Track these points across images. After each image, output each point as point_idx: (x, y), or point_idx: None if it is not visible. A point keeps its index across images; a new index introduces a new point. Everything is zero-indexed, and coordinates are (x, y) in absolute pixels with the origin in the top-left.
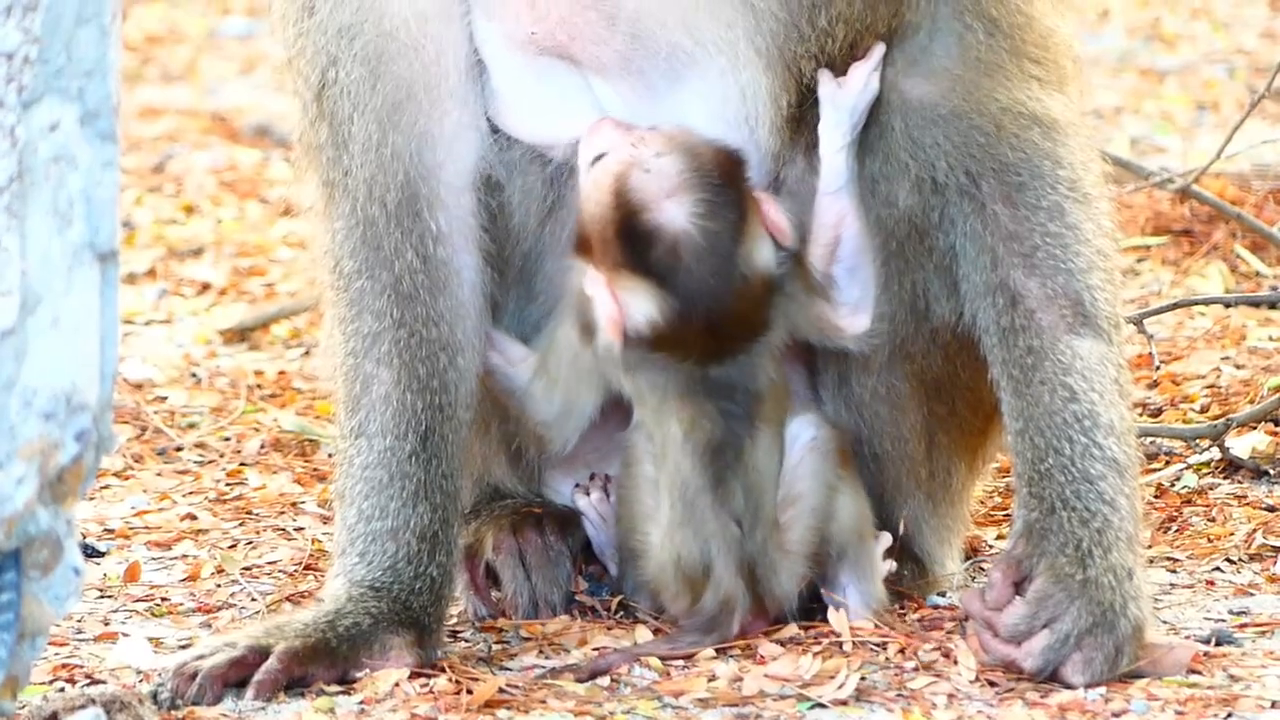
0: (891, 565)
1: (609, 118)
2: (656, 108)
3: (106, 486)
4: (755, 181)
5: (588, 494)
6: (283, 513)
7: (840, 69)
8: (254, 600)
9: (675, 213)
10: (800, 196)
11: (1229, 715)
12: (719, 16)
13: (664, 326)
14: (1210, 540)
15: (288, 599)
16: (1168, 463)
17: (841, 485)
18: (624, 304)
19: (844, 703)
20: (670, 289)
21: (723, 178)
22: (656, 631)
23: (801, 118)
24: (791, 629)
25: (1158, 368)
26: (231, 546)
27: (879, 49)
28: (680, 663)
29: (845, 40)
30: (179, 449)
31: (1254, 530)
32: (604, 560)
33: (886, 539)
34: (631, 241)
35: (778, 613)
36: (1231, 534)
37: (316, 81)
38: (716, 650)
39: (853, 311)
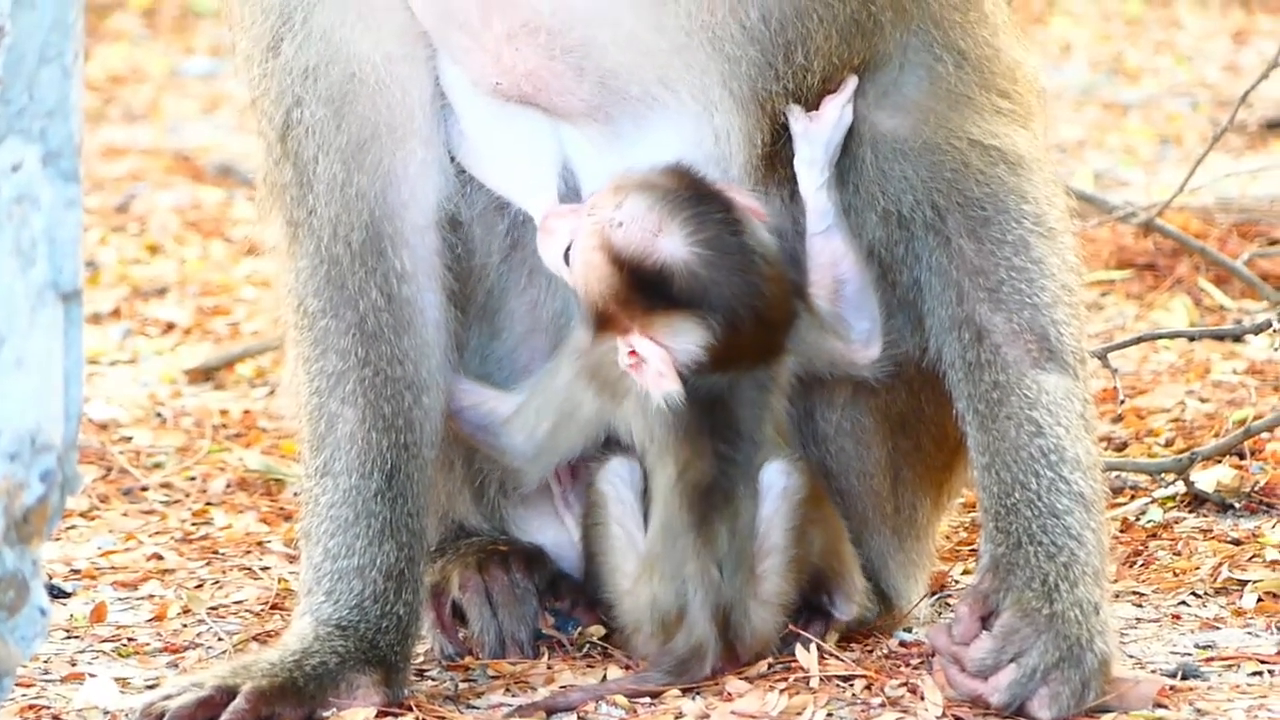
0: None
1: (548, 211)
2: (626, 152)
3: (72, 527)
4: (712, 176)
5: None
6: (249, 552)
7: (812, 104)
8: (221, 640)
9: (672, 244)
10: (782, 232)
11: None
12: (692, 63)
13: (718, 343)
14: (1176, 574)
15: (254, 638)
16: (1133, 497)
17: (814, 524)
18: (671, 344)
19: None
20: (708, 308)
21: (688, 190)
22: (626, 669)
23: (776, 154)
24: (761, 664)
25: (1122, 402)
26: (198, 586)
27: (851, 81)
28: (647, 700)
29: (820, 75)
30: (144, 489)
31: (1220, 564)
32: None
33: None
34: (648, 290)
35: (749, 660)
36: (1197, 568)
37: (281, 122)
38: (683, 687)
39: (865, 344)
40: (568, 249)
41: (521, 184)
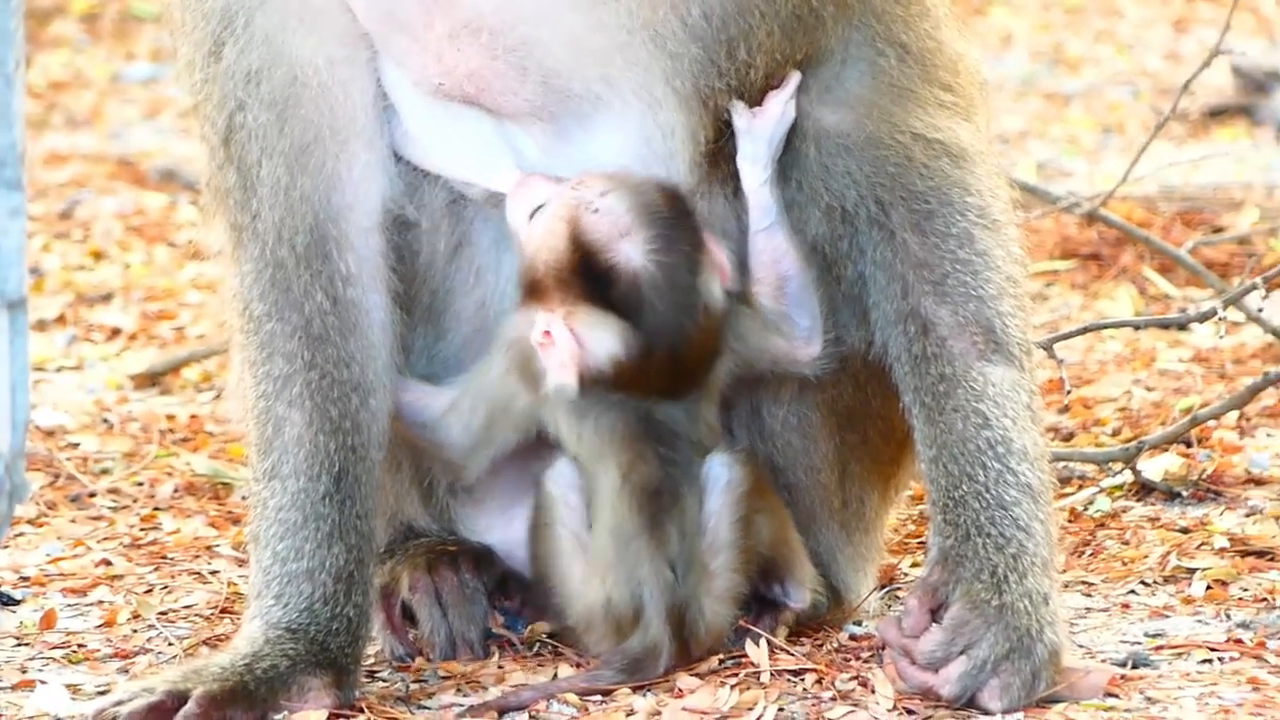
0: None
1: (535, 173)
2: (572, 150)
3: (21, 534)
4: (699, 215)
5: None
6: (198, 556)
7: (755, 100)
8: (171, 645)
9: (632, 251)
10: (726, 231)
11: None
12: (634, 61)
13: (626, 363)
14: (1125, 563)
15: (205, 643)
16: (1081, 487)
17: (757, 513)
18: (585, 341)
19: None
20: (634, 324)
21: (672, 211)
22: (577, 667)
23: (720, 151)
24: (711, 660)
25: (1069, 392)
26: (147, 591)
27: (795, 77)
28: (598, 698)
29: (763, 72)
30: (92, 495)
31: (1168, 552)
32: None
33: None
34: (591, 279)
35: (702, 655)
36: (1146, 556)
37: (224, 126)
38: (634, 685)
39: (806, 341)
40: (536, 210)
41: (477, 174)
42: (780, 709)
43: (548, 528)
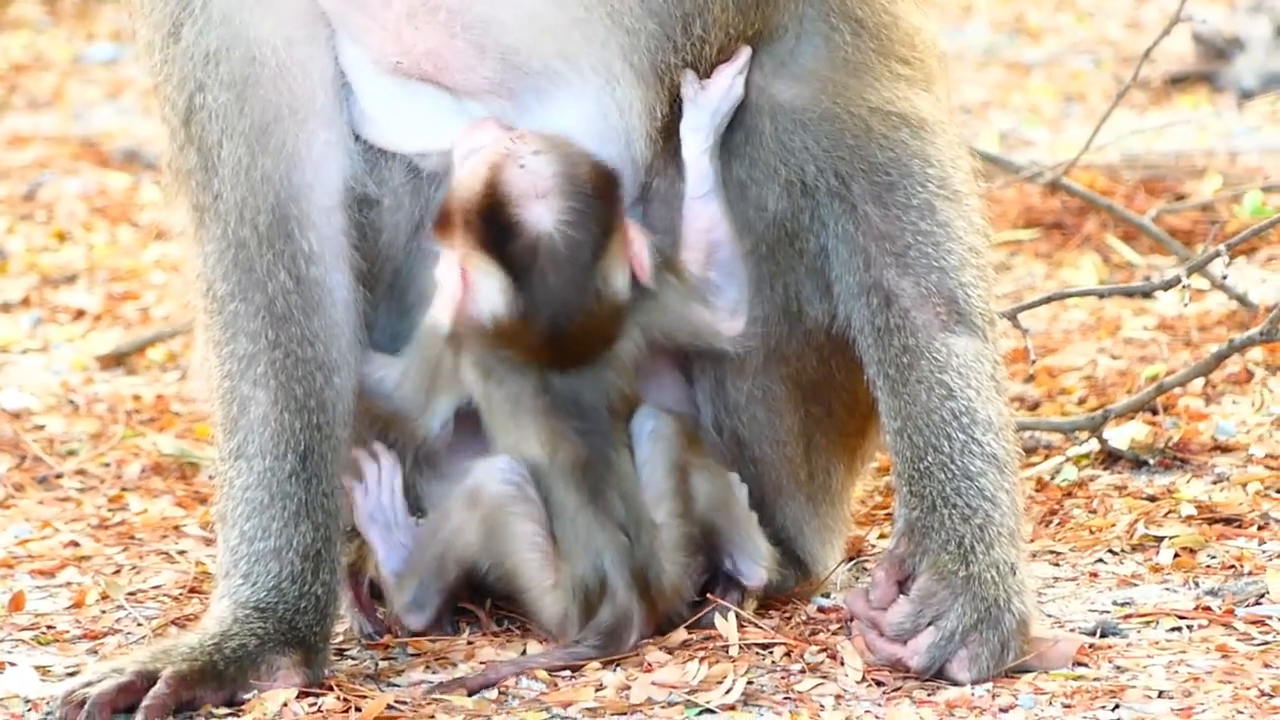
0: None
1: (492, 118)
2: (530, 125)
3: None
4: (627, 204)
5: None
6: (165, 536)
7: (709, 75)
8: (140, 625)
9: (542, 213)
10: (673, 204)
11: (1116, 706)
12: (591, 37)
13: (506, 322)
14: (1092, 532)
15: (173, 623)
16: (1047, 456)
17: (693, 466)
18: (472, 288)
19: (732, 707)
20: (521, 286)
21: (595, 190)
22: (543, 643)
23: (674, 126)
24: (680, 634)
25: (1033, 361)
26: (115, 572)
27: (745, 52)
28: (567, 673)
29: (716, 46)
30: (59, 476)
31: (1135, 520)
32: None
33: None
34: (493, 228)
35: (671, 612)
36: (1113, 525)
37: (184, 107)
38: (603, 660)
39: (729, 314)
40: (476, 150)
41: (427, 149)
42: (749, 682)
43: (504, 527)
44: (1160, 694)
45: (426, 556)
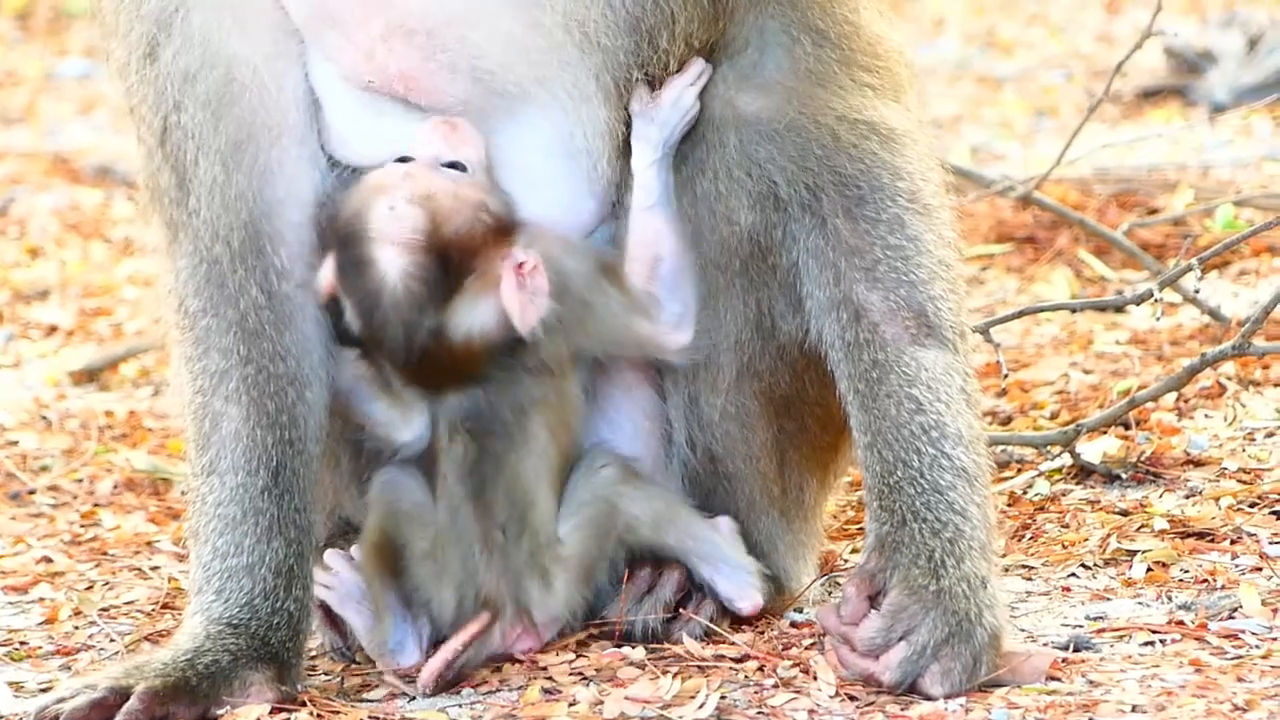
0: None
1: (445, 121)
2: (497, 142)
3: None
4: (593, 226)
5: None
6: (138, 552)
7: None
8: (113, 641)
9: (392, 258)
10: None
11: None
12: (563, 58)
13: (365, 338)
14: (1065, 546)
15: (146, 638)
16: (1019, 470)
17: (630, 492)
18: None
19: None
20: (363, 315)
21: (459, 250)
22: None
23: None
24: (639, 650)
25: (1006, 376)
26: (88, 588)
27: (697, 64)
28: (542, 688)
29: (679, 58)
30: (32, 492)
31: (1108, 535)
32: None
33: (725, 521)
34: (347, 256)
35: (549, 631)
36: (1086, 539)
37: (160, 127)
38: (576, 674)
39: (674, 328)
40: (401, 159)
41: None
42: (723, 696)
43: (406, 545)
44: (1134, 708)
45: (369, 588)
